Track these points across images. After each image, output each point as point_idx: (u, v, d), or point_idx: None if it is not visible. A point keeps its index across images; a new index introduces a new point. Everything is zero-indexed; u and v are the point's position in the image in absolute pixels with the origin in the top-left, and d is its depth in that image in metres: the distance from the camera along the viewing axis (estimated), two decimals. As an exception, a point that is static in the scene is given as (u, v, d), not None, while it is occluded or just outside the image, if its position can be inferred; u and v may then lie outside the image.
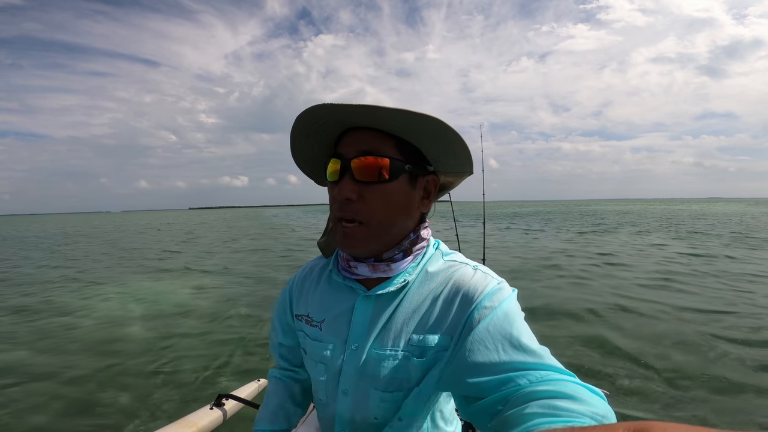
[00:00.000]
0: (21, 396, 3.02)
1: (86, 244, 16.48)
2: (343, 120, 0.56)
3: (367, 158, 0.54)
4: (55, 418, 2.73)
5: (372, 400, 0.59)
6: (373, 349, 0.58)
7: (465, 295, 0.55)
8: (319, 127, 0.57)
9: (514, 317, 0.52)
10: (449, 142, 0.56)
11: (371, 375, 0.58)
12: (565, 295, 5.31)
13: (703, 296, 5.17)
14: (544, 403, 0.39)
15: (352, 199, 0.55)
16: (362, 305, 0.61)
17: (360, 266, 0.60)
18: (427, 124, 0.53)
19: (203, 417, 2.00)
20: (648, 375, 2.97)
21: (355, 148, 0.56)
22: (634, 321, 4.26)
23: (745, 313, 4.40)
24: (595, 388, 0.42)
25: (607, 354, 3.39)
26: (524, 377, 0.45)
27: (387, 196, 0.56)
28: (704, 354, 3.33)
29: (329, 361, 0.62)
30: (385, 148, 0.55)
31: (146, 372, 3.39)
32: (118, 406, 2.82)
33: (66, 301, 6.01)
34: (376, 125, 0.56)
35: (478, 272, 0.59)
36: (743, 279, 6.20)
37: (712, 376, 2.91)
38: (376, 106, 0.50)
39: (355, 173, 0.55)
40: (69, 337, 4.33)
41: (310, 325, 0.65)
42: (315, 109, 0.53)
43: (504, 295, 0.54)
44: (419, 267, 0.61)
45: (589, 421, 0.36)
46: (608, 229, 16.88)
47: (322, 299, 0.66)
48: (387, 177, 0.55)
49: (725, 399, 2.65)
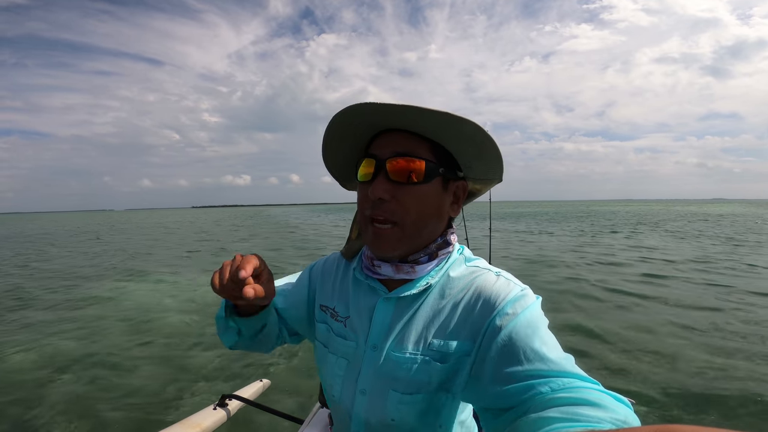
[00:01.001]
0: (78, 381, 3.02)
1: (105, 244, 16.68)
2: (378, 121, 0.55)
3: (402, 159, 0.54)
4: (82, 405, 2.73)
5: (390, 401, 0.58)
6: (392, 350, 0.58)
7: (487, 301, 0.55)
8: (354, 127, 0.57)
9: (537, 325, 0.51)
10: (484, 148, 0.56)
11: (389, 376, 0.58)
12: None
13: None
14: (565, 410, 0.38)
15: (385, 199, 0.54)
16: (383, 306, 0.60)
17: (384, 266, 0.60)
18: (465, 127, 0.52)
19: (207, 417, 1.99)
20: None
21: (391, 149, 0.55)
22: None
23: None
24: (621, 396, 0.41)
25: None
26: (546, 384, 0.44)
27: (420, 198, 0.55)
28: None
29: (351, 358, 0.62)
30: (420, 150, 0.55)
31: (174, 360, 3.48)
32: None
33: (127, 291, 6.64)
34: (411, 128, 0.55)
35: (501, 278, 0.58)
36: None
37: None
38: (416, 107, 0.49)
39: (390, 174, 0.55)
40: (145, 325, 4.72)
41: (336, 320, 0.65)
42: (356, 107, 0.52)
43: (527, 302, 0.54)
44: (442, 271, 0.60)
45: (609, 426, 0.36)
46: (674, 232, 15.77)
47: (345, 295, 0.66)
48: (422, 179, 0.55)
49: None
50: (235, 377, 3.25)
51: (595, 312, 4.91)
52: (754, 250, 10.45)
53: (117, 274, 8.41)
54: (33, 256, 12.53)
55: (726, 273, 7.30)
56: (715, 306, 5.08)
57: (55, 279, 8.15)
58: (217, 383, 3.19)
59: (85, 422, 2.70)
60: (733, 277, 6.87)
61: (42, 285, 7.49)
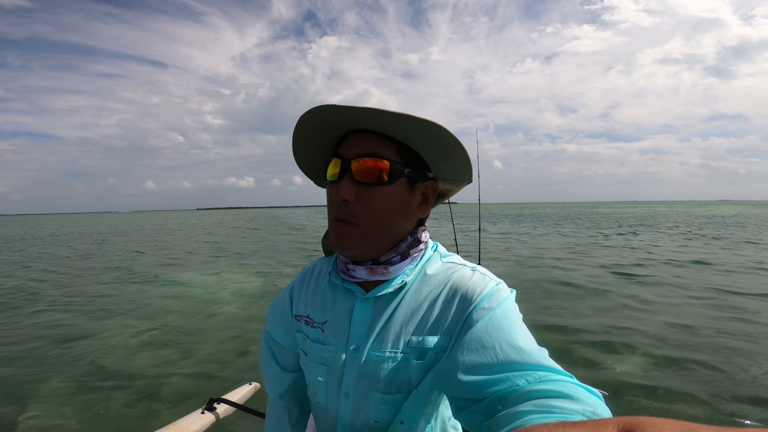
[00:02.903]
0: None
1: (129, 243, 16.51)
2: (344, 122, 0.56)
3: (366, 160, 0.55)
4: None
5: (372, 402, 0.58)
6: (372, 350, 0.58)
7: (464, 296, 0.55)
8: (321, 128, 0.58)
9: (512, 318, 0.52)
10: (450, 149, 0.56)
11: (371, 376, 0.58)
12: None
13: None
14: (540, 402, 0.39)
15: (350, 201, 0.55)
16: (361, 307, 0.61)
17: (358, 269, 0.60)
18: (430, 129, 0.53)
19: (194, 422, 1.96)
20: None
21: (356, 150, 0.56)
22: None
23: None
24: (593, 388, 0.43)
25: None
26: (522, 377, 0.45)
27: (385, 199, 0.56)
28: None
29: (331, 363, 0.62)
30: (386, 151, 0.56)
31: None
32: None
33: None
34: (377, 128, 0.56)
35: (476, 273, 0.59)
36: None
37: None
38: (377, 109, 0.50)
39: (355, 174, 0.55)
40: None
41: (311, 327, 0.65)
42: (318, 109, 0.53)
43: (503, 296, 0.55)
44: (417, 269, 0.61)
45: (580, 418, 0.36)
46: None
47: (322, 301, 0.66)
48: (386, 179, 0.55)
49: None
50: (224, 380, 3.21)
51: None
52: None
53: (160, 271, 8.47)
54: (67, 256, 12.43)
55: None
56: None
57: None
58: (205, 386, 3.15)
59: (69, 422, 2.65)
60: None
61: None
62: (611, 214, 41.10)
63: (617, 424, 0.23)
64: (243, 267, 9.17)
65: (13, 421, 2.69)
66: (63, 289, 7.19)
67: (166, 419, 2.37)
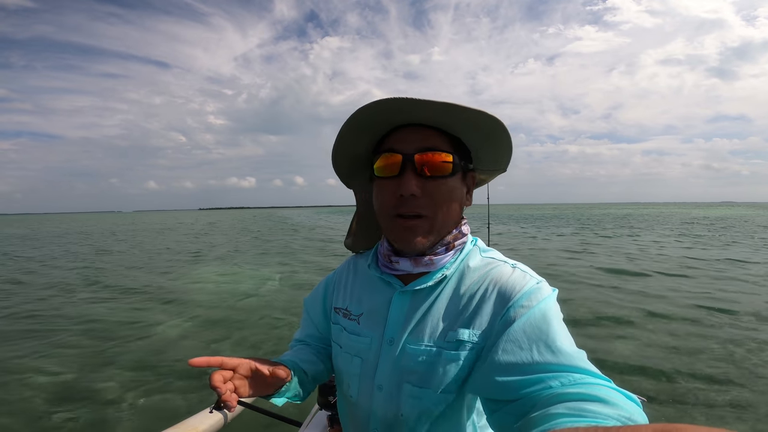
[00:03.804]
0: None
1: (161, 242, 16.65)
2: (398, 117, 0.55)
3: (432, 153, 0.55)
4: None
5: (404, 395, 0.57)
6: (408, 343, 0.57)
7: (502, 293, 0.55)
8: (374, 122, 0.57)
9: (551, 318, 0.51)
10: (500, 142, 0.57)
11: (406, 369, 0.57)
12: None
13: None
14: (572, 405, 0.38)
15: (417, 195, 0.55)
16: (399, 300, 0.60)
17: (402, 261, 0.60)
18: (485, 122, 0.53)
19: (203, 421, 1.94)
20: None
21: (415, 144, 0.55)
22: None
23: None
24: (631, 394, 0.41)
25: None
26: (557, 379, 0.44)
27: (450, 191, 0.56)
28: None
29: (366, 355, 0.61)
30: (443, 144, 0.56)
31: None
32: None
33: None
34: (433, 122, 0.55)
35: (516, 270, 0.58)
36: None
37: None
38: (449, 103, 0.50)
39: (420, 168, 0.55)
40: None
41: (348, 319, 0.65)
42: (387, 102, 0.51)
43: (543, 295, 0.53)
44: (458, 262, 0.60)
45: (614, 423, 0.35)
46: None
47: (360, 293, 0.66)
48: (449, 172, 0.55)
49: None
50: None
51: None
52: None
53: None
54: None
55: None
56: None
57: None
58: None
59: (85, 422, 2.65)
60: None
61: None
62: (629, 215, 40.50)
63: (653, 431, 0.22)
64: (288, 264, 9.55)
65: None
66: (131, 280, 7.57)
67: (174, 418, 2.36)
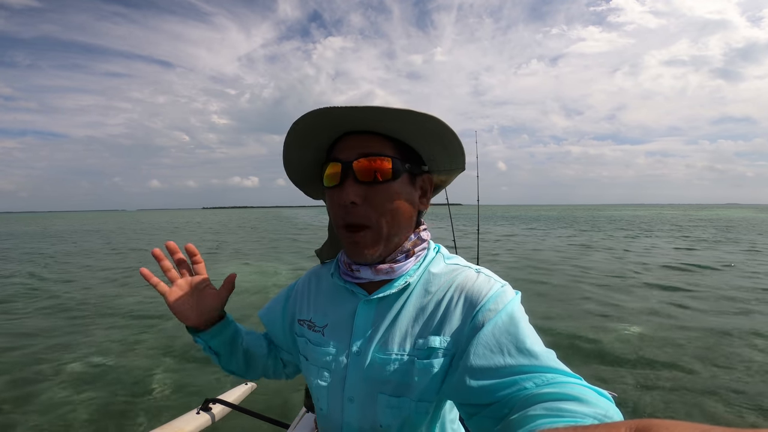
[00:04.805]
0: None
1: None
2: (340, 124, 0.55)
3: (371, 159, 0.54)
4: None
5: (379, 405, 0.57)
6: (377, 353, 0.57)
7: (469, 298, 0.55)
8: (316, 132, 0.57)
9: (518, 320, 0.52)
10: (447, 142, 0.57)
11: (377, 379, 0.57)
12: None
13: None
14: (549, 405, 0.39)
15: (357, 203, 0.54)
16: (364, 309, 0.60)
17: (362, 269, 0.59)
18: (428, 125, 0.53)
19: (189, 422, 1.94)
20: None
21: (356, 151, 0.55)
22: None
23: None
24: (603, 390, 0.42)
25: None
26: (530, 380, 0.44)
27: (392, 196, 0.55)
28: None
29: (333, 367, 0.61)
30: (385, 148, 0.56)
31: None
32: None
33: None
34: (374, 128, 0.55)
35: (481, 275, 0.58)
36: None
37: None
38: (382, 107, 0.50)
39: (358, 175, 0.54)
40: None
41: (313, 331, 0.65)
42: (314, 114, 0.52)
43: (508, 298, 0.54)
44: (420, 269, 0.60)
45: (592, 421, 0.36)
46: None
47: (324, 304, 0.66)
48: (389, 177, 0.55)
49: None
50: (220, 379, 3.18)
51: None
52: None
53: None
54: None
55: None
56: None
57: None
58: (200, 385, 3.13)
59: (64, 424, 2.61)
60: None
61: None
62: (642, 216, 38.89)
63: (629, 427, 0.23)
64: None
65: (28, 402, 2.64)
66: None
67: (160, 420, 2.35)
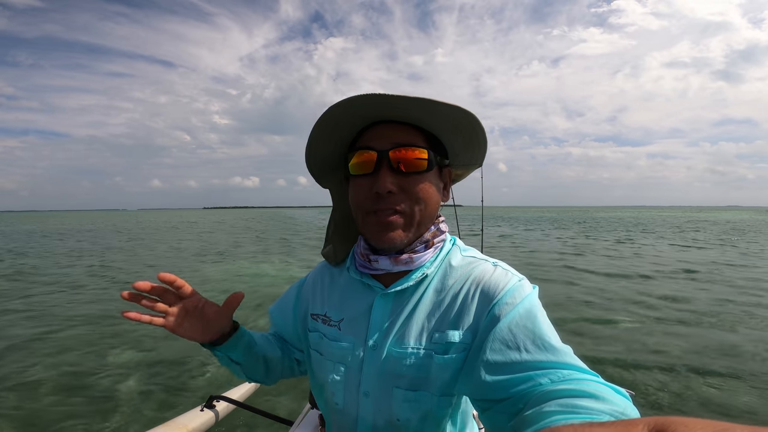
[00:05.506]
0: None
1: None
2: (368, 113, 0.55)
3: (407, 149, 0.55)
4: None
5: (395, 400, 0.57)
6: (393, 347, 0.57)
7: (486, 292, 0.55)
8: (347, 120, 0.56)
9: (535, 314, 0.51)
10: (474, 136, 0.57)
11: (393, 374, 0.57)
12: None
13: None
14: (565, 402, 0.38)
15: (394, 191, 0.54)
16: (380, 303, 0.60)
17: (381, 259, 0.59)
18: (462, 119, 0.54)
19: (193, 419, 1.95)
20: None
21: (389, 140, 0.55)
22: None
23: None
24: (620, 387, 0.41)
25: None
26: (546, 376, 0.44)
27: (426, 187, 0.56)
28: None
29: (349, 362, 0.60)
30: (418, 140, 0.56)
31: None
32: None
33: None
34: (406, 119, 0.56)
35: (498, 269, 0.58)
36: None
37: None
38: (424, 98, 0.49)
39: (395, 164, 0.54)
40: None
41: (328, 325, 0.64)
42: (357, 98, 0.51)
43: (525, 292, 0.54)
44: (438, 261, 0.60)
45: (608, 418, 0.35)
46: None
47: (339, 299, 0.65)
48: (425, 168, 0.55)
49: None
50: (224, 376, 3.19)
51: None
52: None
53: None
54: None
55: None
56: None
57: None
58: (205, 382, 3.14)
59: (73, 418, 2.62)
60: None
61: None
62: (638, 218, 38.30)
63: (647, 425, 0.22)
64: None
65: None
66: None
67: (165, 416, 2.35)
